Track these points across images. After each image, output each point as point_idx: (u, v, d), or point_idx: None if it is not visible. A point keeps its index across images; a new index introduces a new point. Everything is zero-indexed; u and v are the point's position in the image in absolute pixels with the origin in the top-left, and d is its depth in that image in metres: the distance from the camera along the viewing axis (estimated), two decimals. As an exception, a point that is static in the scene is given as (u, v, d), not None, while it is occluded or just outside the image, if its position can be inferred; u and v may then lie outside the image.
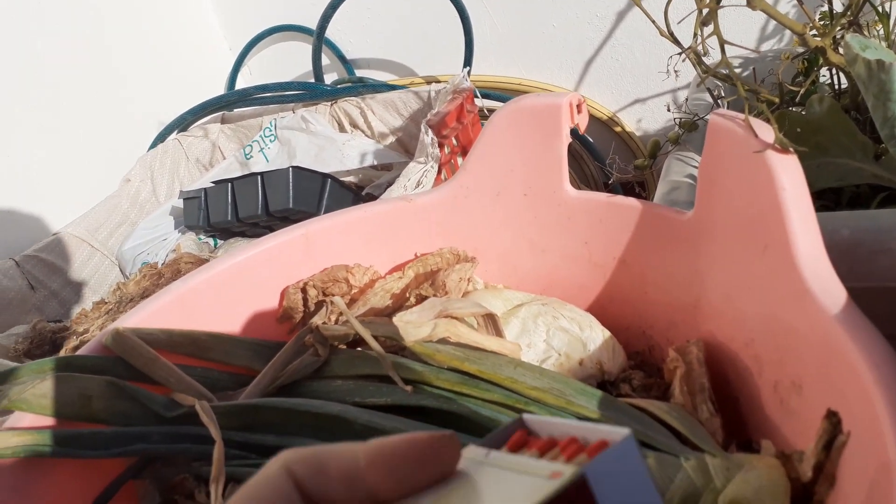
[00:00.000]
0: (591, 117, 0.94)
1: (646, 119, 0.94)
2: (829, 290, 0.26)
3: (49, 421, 0.31)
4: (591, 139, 0.94)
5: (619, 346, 0.36)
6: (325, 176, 0.72)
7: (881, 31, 0.46)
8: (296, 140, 0.84)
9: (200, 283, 0.38)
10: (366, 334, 0.35)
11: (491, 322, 0.35)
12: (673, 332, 0.36)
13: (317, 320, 0.38)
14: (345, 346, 0.38)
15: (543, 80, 0.97)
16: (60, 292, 0.78)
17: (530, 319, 0.37)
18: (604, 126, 0.96)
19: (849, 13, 0.43)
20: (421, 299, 0.39)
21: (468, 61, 0.88)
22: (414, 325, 0.34)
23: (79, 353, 0.34)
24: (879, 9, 0.44)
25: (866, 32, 0.47)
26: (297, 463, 0.17)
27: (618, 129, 0.95)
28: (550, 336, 0.36)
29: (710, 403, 0.29)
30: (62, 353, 0.55)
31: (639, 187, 0.75)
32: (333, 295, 0.41)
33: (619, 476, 0.15)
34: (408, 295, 0.40)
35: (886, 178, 0.39)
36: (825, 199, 0.45)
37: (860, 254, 0.33)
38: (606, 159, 0.71)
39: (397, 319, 0.35)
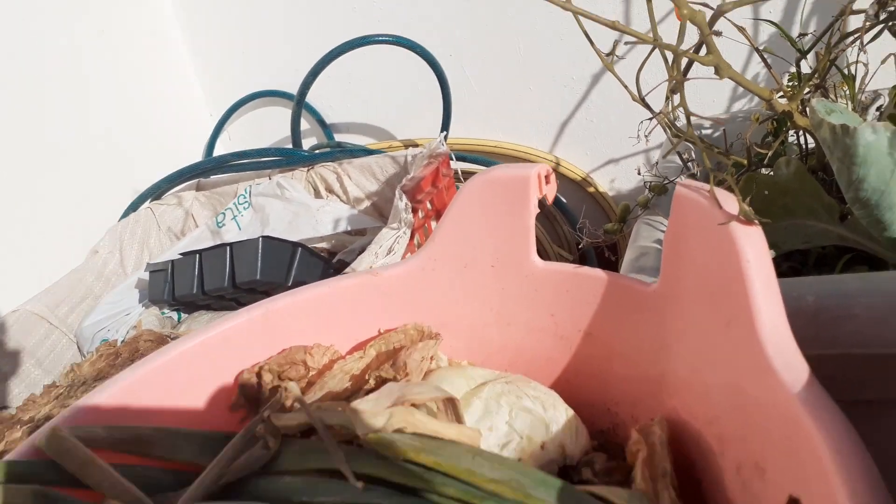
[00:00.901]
0: (565, 178, 0.94)
1: (619, 179, 0.94)
2: (792, 366, 0.25)
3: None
4: (564, 200, 0.94)
5: (582, 426, 0.35)
6: (295, 245, 0.71)
7: (847, 93, 0.46)
8: (270, 207, 0.83)
9: (149, 373, 0.36)
10: (318, 424, 0.33)
11: (451, 407, 0.33)
12: (638, 409, 0.35)
13: (269, 409, 0.36)
14: (300, 435, 0.36)
15: (520, 141, 0.97)
16: (10, 374, 0.74)
17: (493, 400, 0.35)
18: (577, 186, 0.95)
19: (815, 76, 0.43)
20: (381, 381, 0.38)
21: (445, 125, 0.88)
22: (369, 415, 0.32)
23: (8, 457, 0.31)
24: (845, 71, 0.44)
25: (833, 95, 0.47)
26: None
27: (591, 189, 0.94)
28: (513, 417, 0.34)
29: (672, 490, 0.28)
30: (1, 445, 0.51)
31: (609, 251, 0.75)
32: (290, 379, 0.39)
33: None
34: (367, 377, 0.38)
35: (851, 240, 0.39)
36: (793, 260, 0.44)
37: (825, 320, 0.32)
38: (579, 221, 0.71)
39: (350, 409, 0.33)
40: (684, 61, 0.38)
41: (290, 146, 0.96)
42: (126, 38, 1.02)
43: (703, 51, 0.37)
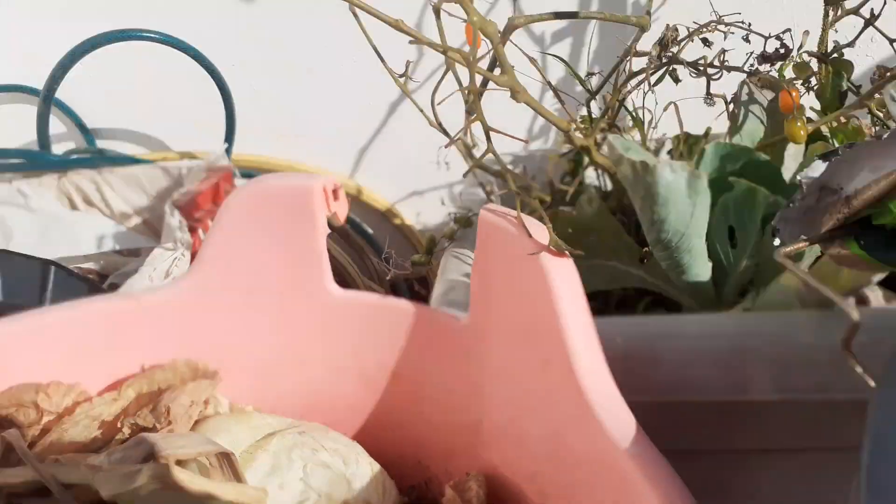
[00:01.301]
0: (370, 207, 0.91)
1: (424, 212, 0.93)
2: (615, 413, 0.24)
3: None
4: (370, 230, 0.91)
5: (390, 481, 0.31)
6: (46, 263, 0.59)
7: (637, 137, 0.48)
8: (12, 218, 0.70)
9: None
10: (51, 484, 0.26)
11: (227, 463, 0.27)
12: (452, 463, 0.32)
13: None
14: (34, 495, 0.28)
15: (316, 165, 0.93)
16: None
17: (283, 453, 0.30)
18: (382, 217, 0.93)
19: (606, 116, 0.45)
20: (138, 430, 0.31)
21: (229, 138, 0.81)
22: (117, 473, 0.26)
23: None
24: (635, 114, 0.46)
25: (625, 136, 0.49)
26: None
27: (397, 220, 0.93)
28: (308, 473, 0.29)
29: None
30: None
31: (419, 284, 0.73)
32: (13, 426, 0.30)
33: None
34: (120, 425, 0.31)
35: (651, 283, 0.40)
36: (595, 300, 0.45)
37: (632, 366, 0.32)
38: (383, 253, 0.68)
39: (92, 464, 0.26)
40: (479, 81, 0.37)
41: (37, 149, 0.82)
42: None
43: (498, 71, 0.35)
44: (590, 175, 0.53)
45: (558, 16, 0.35)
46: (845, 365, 0.20)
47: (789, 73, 0.43)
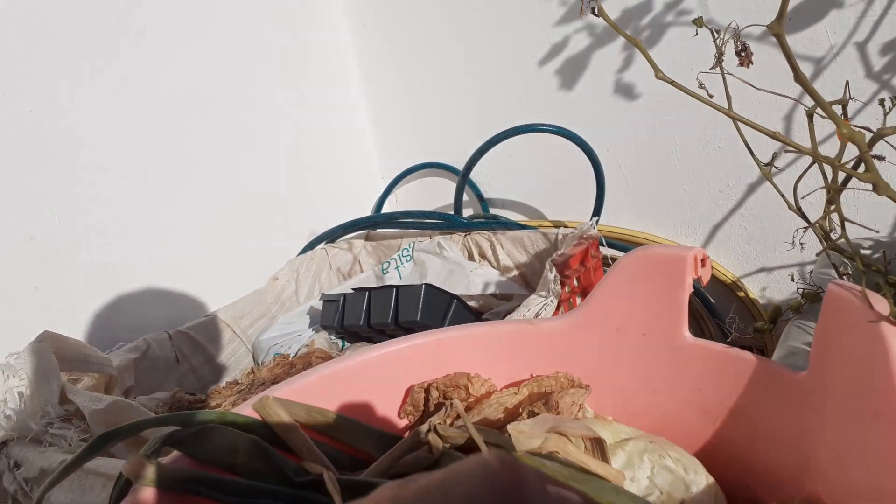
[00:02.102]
0: (715, 280, 0.96)
1: (770, 288, 0.94)
2: None
3: (198, 464, 0.36)
4: (712, 300, 0.95)
5: (721, 494, 0.37)
6: (452, 296, 0.78)
7: None
8: (430, 262, 0.91)
9: (343, 369, 0.43)
10: (478, 439, 0.38)
11: (598, 447, 0.37)
12: (778, 490, 0.36)
13: (435, 420, 0.41)
14: (456, 450, 0.41)
15: (669, 237, 1.00)
16: (199, 369, 0.87)
17: (636, 454, 0.38)
18: (727, 289, 0.96)
19: None
20: (533, 416, 0.42)
21: (597, 212, 0.94)
22: (526, 436, 0.37)
23: (234, 410, 0.39)
24: None
25: None
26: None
27: (741, 293, 0.95)
28: (654, 473, 0.37)
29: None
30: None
31: (756, 351, 0.75)
32: (453, 399, 0.44)
33: None
34: (521, 410, 0.43)
35: None
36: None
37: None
38: (726, 319, 0.72)
39: (511, 428, 0.38)
40: (842, 176, 0.41)
41: (452, 213, 1.05)
42: (320, 106, 1.18)
43: (862, 168, 0.39)
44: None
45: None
46: None
47: None
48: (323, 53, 1.20)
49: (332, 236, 1.05)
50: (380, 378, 0.44)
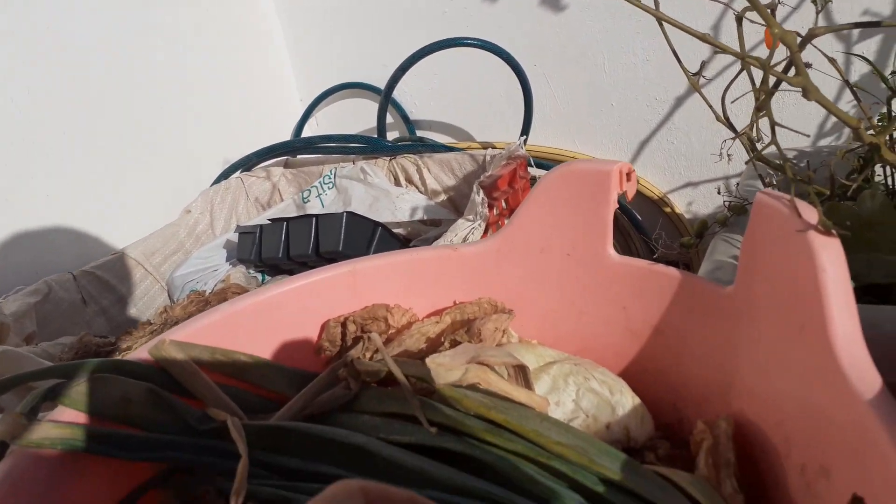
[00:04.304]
0: (642, 196, 0.95)
1: (696, 202, 0.94)
2: (864, 376, 0.26)
3: (87, 419, 0.33)
4: (639, 217, 0.95)
5: (648, 414, 0.36)
6: (376, 224, 0.75)
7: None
8: (353, 189, 0.87)
9: (248, 307, 0.40)
10: (397, 372, 0.36)
11: (521, 374, 0.35)
12: (704, 408, 0.36)
13: (353, 355, 0.39)
14: (375, 384, 0.39)
15: (597, 154, 0.99)
16: (109, 310, 0.81)
17: (561, 378, 0.37)
18: (653, 205, 0.96)
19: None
20: (455, 345, 0.40)
21: (525, 131, 0.91)
22: (445, 368, 0.35)
23: (129, 357, 0.35)
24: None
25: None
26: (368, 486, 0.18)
27: (667, 209, 0.95)
28: (580, 396, 0.36)
29: (734, 479, 0.29)
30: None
31: (683, 266, 0.75)
32: (371, 332, 0.42)
33: None
34: (443, 340, 0.41)
35: (935, 277, 0.39)
36: (871, 294, 0.44)
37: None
38: (653, 235, 0.72)
39: (430, 361, 0.36)
40: (772, 81, 0.39)
41: (375, 136, 1.00)
42: (230, 24, 1.09)
43: (792, 72, 0.38)
44: (878, 174, 0.51)
45: (858, 25, 0.36)
46: None
47: None
48: (229, -36, 1.10)
49: (247, 164, 0.99)
50: (292, 314, 0.41)
